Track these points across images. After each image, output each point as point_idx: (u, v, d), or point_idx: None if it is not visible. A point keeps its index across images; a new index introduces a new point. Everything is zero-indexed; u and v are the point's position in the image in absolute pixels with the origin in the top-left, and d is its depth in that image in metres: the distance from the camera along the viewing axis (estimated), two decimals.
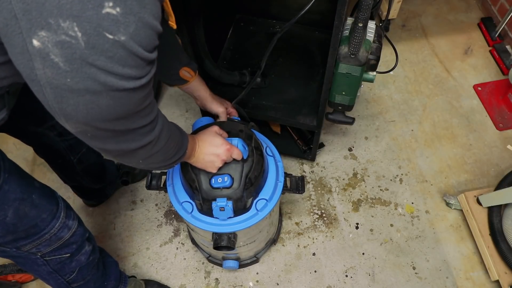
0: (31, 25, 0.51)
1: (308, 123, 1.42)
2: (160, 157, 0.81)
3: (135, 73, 0.59)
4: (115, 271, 1.27)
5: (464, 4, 2.18)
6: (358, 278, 1.49)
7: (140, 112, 0.67)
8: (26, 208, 0.87)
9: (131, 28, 0.55)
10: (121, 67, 0.57)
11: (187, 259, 1.54)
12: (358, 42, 1.00)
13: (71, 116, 0.60)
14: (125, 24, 0.54)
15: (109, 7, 0.52)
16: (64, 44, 0.52)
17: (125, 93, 0.60)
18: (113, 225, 1.61)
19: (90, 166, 1.39)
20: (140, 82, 0.61)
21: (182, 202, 1.13)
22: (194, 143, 0.96)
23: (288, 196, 1.64)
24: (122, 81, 0.58)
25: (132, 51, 0.57)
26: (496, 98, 1.87)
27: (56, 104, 0.58)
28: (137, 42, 0.56)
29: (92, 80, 0.56)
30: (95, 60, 0.54)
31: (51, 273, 1.03)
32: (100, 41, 0.53)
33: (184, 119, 1.86)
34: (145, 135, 0.72)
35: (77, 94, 0.57)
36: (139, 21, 0.55)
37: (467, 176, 1.68)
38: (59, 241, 0.98)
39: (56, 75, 0.54)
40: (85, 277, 1.12)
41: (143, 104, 0.67)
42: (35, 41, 0.51)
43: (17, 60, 0.55)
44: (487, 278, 1.47)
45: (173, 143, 0.82)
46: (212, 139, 1.00)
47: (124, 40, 0.55)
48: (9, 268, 1.40)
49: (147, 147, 0.75)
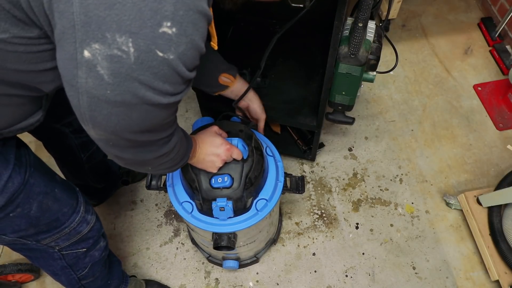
0: (86, 36, 0.52)
1: (308, 123, 1.42)
2: (168, 165, 0.83)
3: (172, 90, 0.61)
4: (119, 270, 1.27)
5: (464, 4, 2.18)
6: (358, 278, 1.49)
7: (163, 125, 0.70)
8: (49, 201, 0.88)
9: (181, 48, 0.57)
10: (162, 83, 0.59)
11: (187, 259, 1.54)
12: (358, 42, 1.00)
13: (101, 124, 0.61)
14: (177, 43, 0.56)
15: (166, 27, 0.54)
16: (114, 58, 0.53)
17: (158, 107, 0.62)
18: (113, 225, 1.61)
19: (97, 164, 1.40)
20: (174, 99, 0.63)
21: (182, 202, 1.13)
22: (195, 144, 0.96)
23: (288, 196, 1.64)
24: (159, 96, 0.60)
25: (176, 70, 0.59)
26: (496, 98, 1.87)
27: (88, 111, 0.59)
28: (182, 61, 0.58)
29: (132, 94, 0.58)
30: (139, 75, 0.56)
31: (65, 268, 1.04)
32: (149, 58, 0.55)
33: (184, 119, 1.86)
34: (162, 146, 0.75)
35: (113, 106, 0.58)
36: (189, 42, 0.57)
37: (467, 176, 1.68)
38: (78, 235, 0.99)
39: (97, 85, 0.56)
40: (95, 274, 1.13)
41: (169, 118, 0.69)
42: (86, 52, 0.53)
43: (62, 64, 0.57)
44: (487, 278, 1.47)
45: (181, 151, 0.84)
46: (212, 139, 1.00)
47: (172, 58, 0.57)
48: (9, 268, 1.40)
49: (161, 157, 0.77)
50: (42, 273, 1.49)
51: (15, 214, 0.82)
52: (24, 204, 0.83)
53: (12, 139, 0.80)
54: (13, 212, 0.82)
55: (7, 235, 0.87)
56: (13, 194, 0.79)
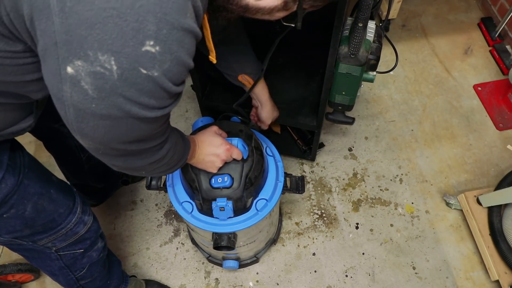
0: (69, 54, 0.52)
1: (308, 123, 1.42)
2: (163, 168, 0.82)
3: (158, 104, 0.61)
4: (118, 270, 1.27)
5: (464, 4, 2.18)
6: (358, 278, 1.49)
7: (154, 135, 0.70)
8: (45, 202, 0.88)
9: (166, 65, 0.57)
10: (148, 98, 0.59)
11: (187, 259, 1.54)
12: (358, 42, 1.00)
13: (88, 135, 0.62)
14: (161, 61, 0.56)
15: (149, 45, 0.54)
16: (97, 74, 0.54)
17: (144, 121, 0.62)
18: (113, 225, 1.61)
19: (97, 164, 1.40)
20: (161, 112, 0.63)
21: (182, 202, 1.13)
22: (194, 144, 0.96)
23: (288, 196, 1.64)
24: (145, 111, 0.60)
25: (161, 86, 0.59)
26: (496, 98, 1.87)
27: (75, 123, 0.60)
28: (168, 77, 0.58)
29: (117, 108, 0.58)
30: (124, 91, 0.56)
31: (63, 268, 1.04)
32: (133, 75, 0.55)
33: (184, 119, 1.86)
34: (153, 153, 0.75)
35: (99, 118, 0.59)
36: (174, 59, 0.57)
37: (467, 176, 1.68)
38: (75, 236, 0.99)
39: (82, 99, 0.56)
40: (93, 274, 1.12)
41: (159, 129, 0.69)
42: (69, 68, 0.53)
43: (48, 78, 0.57)
44: (487, 278, 1.47)
45: (176, 155, 0.84)
46: (212, 139, 1.00)
47: (156, 75, 0.57)
48: (9, 268, 1.40)
49: (153, 164, 0.77)
50: (42, 273, 1.49)
51: (9, 215, 0.82)
52: (18, 205, 0.83)
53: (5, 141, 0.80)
54: (6, 213, 0.82)
55: (2, 236, 0.87)
56: (6, 195, 0.79)
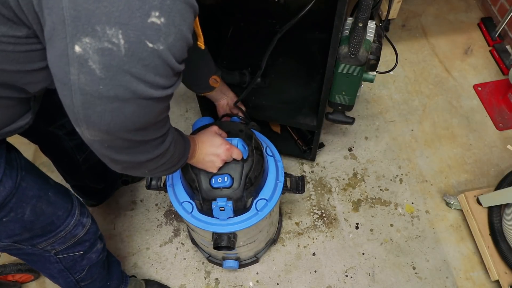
0: (77, 31, 0.52)
1: (308, 123, 1.42)
2: (165, 166, 0.82)
3: (163, 82, 0.62)
4: (118, 270, 1.27)
5: (464, 4, 2.18)
6: (358, 278, 1.49)
7: (157, 123, 0.70)
8: (43, 205, 0.88)
9: (170, 39, 0.57)
10: (153, 75, 0.59)
11: (187, 259, 1.54)
12: (358, 42, 1.00)
13: (95, 123, 0.61)
14: (166, 34, 0.56)
15: (155, 17, 0.54)
16: (105, 51, 0.53)
17: (150, 101, 0.62)
18: (113, 225, 1.61)
19: (94, 165, 1.40)
20: (166, 92, 0.64)
21: (182, 202, 1.13)
22: (194, 144, 0.96)
23: (288, 196, 1.64)
24: (151, 89, 0.60)
25: (166, 61, 0.59)
26: (496, 98, 1.87)
27: (82, 110, 0.59)
28: (172, 53, 0.59)
29: (124, 88, 0.58)
30: (131, 68, 0.56)
31: (62, 271, 1.04)
32: (140, 49, 0.55)
33: (184, 119, 1.86)
34: (156, 147, 0.74)
35: (106, 101, 0.58)
36: (178, 32, 0.58)
37: (467, 176, 1.68)
38: (74, 238, 0.98)
39: (89, 81, 0.56)
40: (93, 276, 1.12)
41: (162, 115, 0.70)
42: (77, 47, 0.53)
43: (54, 62, 0.57)
44: (487, 278, 1.47)
45: (177, 153, 0.84)
46: (212, 139, 1.00)
47: (162, 49, 0.57)
48: (9, 268, 1.40)
49: (156, 159, 0.77)
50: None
51: (8, 218, 0.82)
52: (17, 208, 0.82)
53: (1, 143, 0.80)
54: (6, 216, 0.81)
55: (2, 240, 0.86)
56: (5, 198, 0.79)
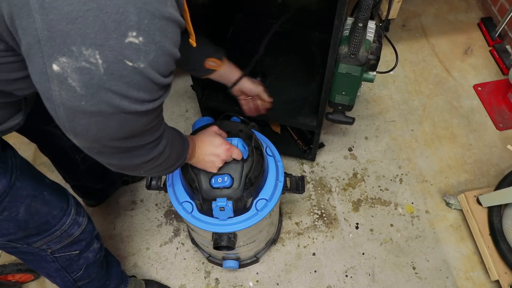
0: (53, 51, 0.52)
1: (308, 123, 1.42)
2: (162, 167, 0.82)
3: (148, 97, 0.61)
4: (117, 270, 1.27)
5: (464, 4, 2.18)
6: (358, 278, 1.49)
7: (148, 131, 0.69)
8: (38, 205, 0.88)
9: (151, 56, 0.56)
10: (137, 91, 0.58)
11: (187, 259, 1.54)
12: (358, 42, 1.00)
13: (81, 134, 0.62)
14: (145, 52, 0.55)
15: (132, 37, 0.53)
16: (83, 70, 0.53)
17: (136, 115, 0.62)
18: (113, 225, 1.61)
19: (94, 165, 1.40)
20: (152, 105, 0.63)
21: (182, 202, 1.13)
22: (194, 144, 0.96)
23: (288, 196, 1.64)
24: (135, 104, 0.60)
25: (149, 77, 0.58)
26: (496, 98, 1.87)
27: (67, 122, 0.59)
28: (155, 69, 0.58)
29: (106, 104, 0.57)
30: (112, 86, 0.56)
31: (59, 270, 1.04)
32: (119, 68, 0.55)
33: (184, 119, 1.86)
34: (150, 150, 0.74)
35: (89, 116, 0.58)
36: (159, 49, 0.57)
37: (467, 176, 1.68)
38: (70, 237, 0.98)
39: (71, 97, 0.56)
40: (91, 275, 1.12)
41: (152, 123, 0.68)
42: (54, 65, 0.53)
43: (35, 78, 0.57)
44: (487, 278, 1.47)
45: (175, 153, 0.83)
46: (212, 139, 1.00)
47: (143, 67, 0.56)
48: (9, 268, 1.40)
49: (151, 161, 0.76)
50: None
51: (2, 217, 0.82)
52: (11, 207, 0.82)
53: None
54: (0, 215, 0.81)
55: None
56: None
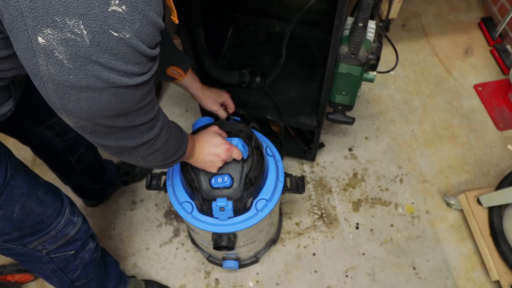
0: (36, 22, 0.51)
1: (308, 123, 1.42)
2: (159, 156, 0.81)
3: (137, 70, 0.60)
4: (116, 270, 1.27)
5: (464, 4, 2.18)
6: (358, 278, 1.49)
7: (141, 109, 0.68)
8: (32, 204, 0.87)
9: (136, 26, 0.55)
10: (125, 64, 0.57)
11: (187, 259, 1.53)
12: (358, 42, 1.00)
13: (72, 111, 0.60)
14: (130, 21, 0.54)
15: (115, 5, 0.52)
16: (69, 41, 0.52)
17: (127, 89, 0.61)
18: (113, 225, 1.61)
19: (89, 165, 1.39)
20: (142, 78, 0.62)
21: (182, 202, 1.13)
22: (194, 143, 0.96)
23: (288, 196, 1.64)
24: (125, 78, 0.59)
25: (136, 48, 0.57)
26: (497, 98, 1.86)
27: (57, 99, 0.58)
28: (141, 39, 0.57)
29: (95, 78, 0.56)
30: (99, 58, 0.55)
31: (55, 271, 1.03)
32: (105, 39, 0.53)
33: (184, 119, 1.86)
34: (145, 132, 0.73)
35: (79, 91, 0.57)
36: (143, 18, 0.56)
37: (467, 176, 1.68)
38: (65, 237, 0.98)
39: (59, 72, 0.55)
40: (88, 276, 1.12)
41: (145, 101, 0.67)
42: (40, 38, 0.52)
43: (21, 54, 0.56)
44: (487, 278, 1.46)
45: (172, 142, 0.83)
46: (212, 139, 1.00)
47: (128, 37, 0.55)
48: (9, 268, 1.40)
49: (146, 145, 0.75)
50: None
51: None
52: (6, 206, 0.82)
53: None
54: None
55: None
56: None
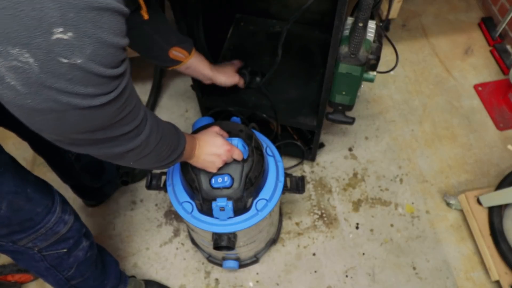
0: None
1: (308, 123, 1.42)
2: (152, 159, 0.79)
3: (100, 91, 0.57)
4: (115, 270, 1.27)
5: (464, 4, 2.18)
6: (358, 278, 1.49)
7: (120, 122, 0.65)
8: (21, 201, 0.87)
9: (88, 50, 0.52)
10: (83, 87, 0.54)
11: (187, 259, 1.53)
12: (358, 42, 1.00)
13: (42, 129, 0.58)
14: (80, 47, 0.51)
15: (59, 33, 0.49)
16: (17, 69, 0.49)
17: (93, 109, 0.57)
18: (113, 225, 1.61)
19: (89, 163, 1.39)
20: (108, 97, 0.58)
21: (182, 202, 1.13)
22: (194, 143, 0.96)
23: (288, 196, 1.64)
24: (86, 100, 0.55)
25: (92, 72, 0.54)
26: (497, 98, 1.86)
27: (24, 119, 0.56)
28: (97, 62, 0.53)
29: (54, 101, 0.53)
30: (53, 84, 0.52)
31: (49, 269, 1.03)
32: (55, 66, 0.51)
33: (184, 119, 1.86)
34: (129, 140, 0.70)
35: (42, 113, 0.54)
36: (96, 42, 0.52)
37: (467, 176, 1.68)
38: (55, 235, 0.97)
39: (16, 96, 0.52)
40: (84, 274, 1.11)
41: (122, 113, 0.64)
42: None
43: None
44: (487, 278, 1.46)
45: (165, 145, 0.80)
46: (213, 139, 1.00)
47: (81, 62, 0.52)
48: (9, 268, 1.40)
49: (135, 151, 0.73)
50: None
51: None
52: None
53: None
54: None
55: None
56: None
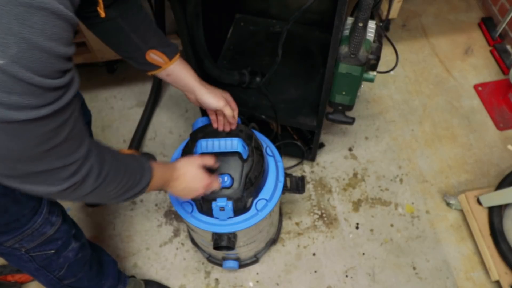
0: None
1: (308, 123, 1.42)
2: (101, 198, 0.74)
3: (28, 102, 0.50)
4: (113, 270, 1.26)
5: (464, 4, 2.18)
6: (358, 278, 1.49)
7: (50, 151, 0.57)
8: (8, 203, 0.85)
9: (13, 51, 0.46)
10: (7, 94, 0.48)
11: (187, 259, 1.53)
12: (358, 42, 1.00)
13: None
14: (3, 45, 0.46)
15: None
16: None
17: (19, 125, 0.51)
18: (112, 225, 1.61)
19: None
20: (39, 112, 0.52)
21: (182, 202, 1.13)
22: (169, 175, 0.93)
23: (288, 196, 1.64)
24: (11, 111, 0.49)
25: (17, 77, 0.48)
26: (497, 98, 1.86)
27: None
28: (23, 66, 0.48)
29: None
30: None
31: (39, 269, 1.02)
32: None
33: (184, 119, 1.86)
34: (60, 180, 0.61)
35: None
36: (22, 42, 0.47)
37: (467, 176, 1.68)
38: (42, 236, 0.95)
39: None
40: (76, 274, 1.10)
41: (53, 140, 0.56)
42: None
43: None
44: (487, 278, 1.46)
45: (115, 183, 0.73)
46: (193, 174, 0.97)
47: (3, 64, 0.46)
48: (9, 268, 1.40)
49: (72, 190, 0.64)
50: None
51: None
52: None
53: None
54: None
55: None
56: None
